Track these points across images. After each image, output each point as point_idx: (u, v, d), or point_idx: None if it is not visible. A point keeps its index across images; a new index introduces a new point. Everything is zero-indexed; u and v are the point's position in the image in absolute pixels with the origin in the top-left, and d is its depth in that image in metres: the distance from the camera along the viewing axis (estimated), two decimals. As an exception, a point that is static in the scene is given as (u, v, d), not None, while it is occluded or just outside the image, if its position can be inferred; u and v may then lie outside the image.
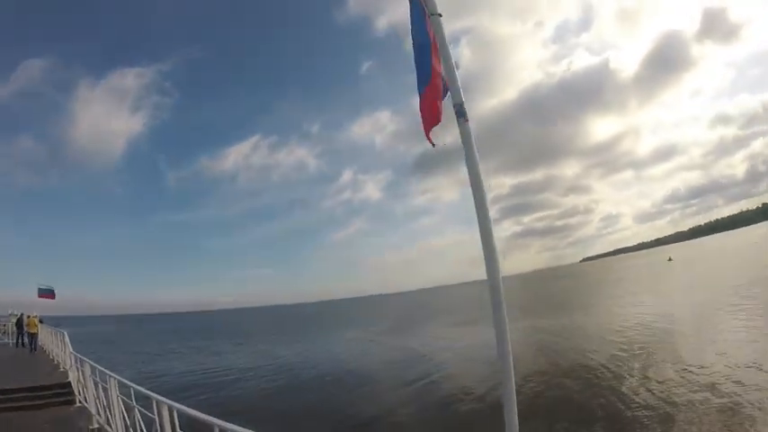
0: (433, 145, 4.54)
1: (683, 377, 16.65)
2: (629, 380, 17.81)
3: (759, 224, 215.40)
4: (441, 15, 4.45)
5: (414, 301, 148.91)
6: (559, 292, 79.28)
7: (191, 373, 32.22)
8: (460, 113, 4.25)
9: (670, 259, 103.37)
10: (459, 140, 4.22)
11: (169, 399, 6.95)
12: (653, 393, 15.61)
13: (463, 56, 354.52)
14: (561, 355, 24.54)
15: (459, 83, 4.34)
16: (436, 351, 31.98)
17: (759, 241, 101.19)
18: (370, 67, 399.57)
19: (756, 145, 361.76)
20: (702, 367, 17.35)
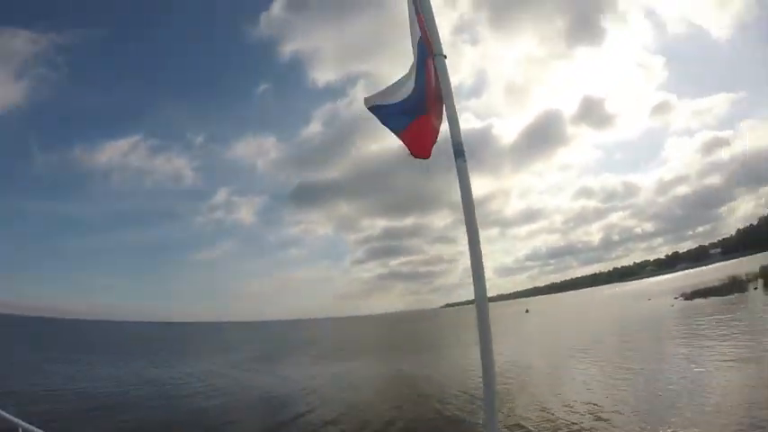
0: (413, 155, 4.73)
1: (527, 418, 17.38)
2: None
3: (609, 285, 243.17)
4: (446, 57, 4.49)
5: (280, 330, 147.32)
6: (422, 333, 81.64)
7: None
8: (459, 153, 4.30)
9: (527, 311, 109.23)
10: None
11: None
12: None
13: (357, 96, 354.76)
14: (416, 392, 24.90)
15: (459, 124, 4.40)
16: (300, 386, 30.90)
17: (607, 299, 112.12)
18: (265, 90, 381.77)
19: (612, 218, 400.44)
20: (545, 410, 18.31)
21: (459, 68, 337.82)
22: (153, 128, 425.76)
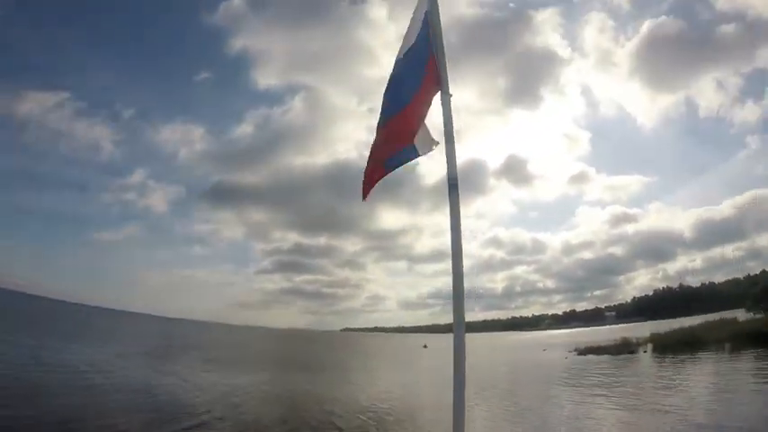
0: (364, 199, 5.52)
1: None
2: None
3: (507, 332, 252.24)
4: (452, 95, 4.87)
5: (176, 328, 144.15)
6: (322, 354, 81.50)
7: None
8: (453, 187, 4.71)
9: (425, 346, 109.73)
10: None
11: None
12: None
13: (294, 107, 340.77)
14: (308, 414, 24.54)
15: (456, 158, 4.87)
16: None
17: (504, 346, 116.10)
18: (206, 79, 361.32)
19: (517, 270, 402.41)
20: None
21: None
22: (83, 90, 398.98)
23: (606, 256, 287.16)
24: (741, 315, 69.62)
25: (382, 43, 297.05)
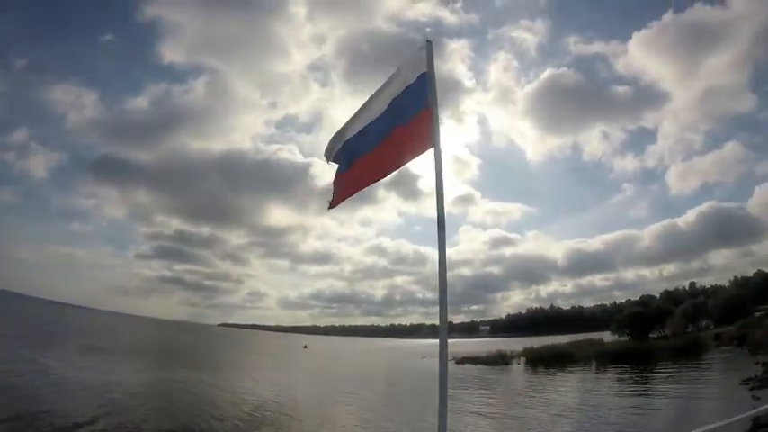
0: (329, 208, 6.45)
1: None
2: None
3: (386, 338, 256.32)
4: (441, 151, 5.64)
5: (47, 311, 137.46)
6: (201, 348, 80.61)
7: None
8: (441, 226, 5.69)
9: (305, 347, 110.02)
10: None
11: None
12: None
13: (196, 89, 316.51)
14: (183, 410, 24.92)
15: (444, 201, 5.80)
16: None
17: (383, 351, 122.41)
18: (110, 42, 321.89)
19: (398, 280, 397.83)
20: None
21: (299, 100, 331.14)
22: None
23: (484, 274, 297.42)
24: (607, 337, 77.43)
25: (296, 41, 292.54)
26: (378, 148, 5.89)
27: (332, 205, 6.38)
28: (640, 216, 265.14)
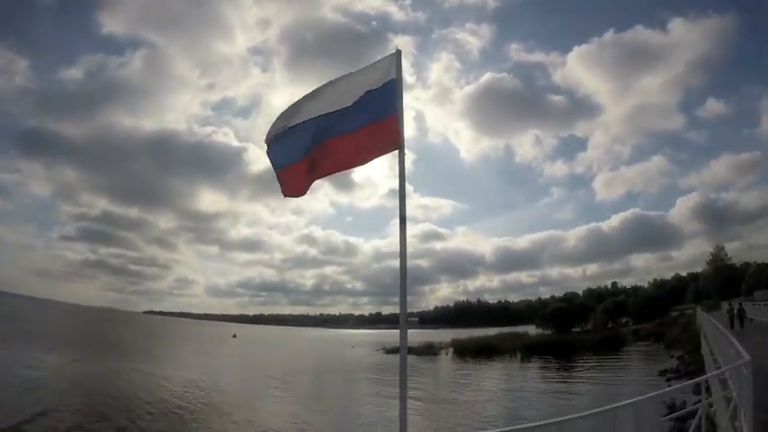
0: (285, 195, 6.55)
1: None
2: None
3: (315, 328, 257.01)
4: (405, 153, 6.06)
5: None
6: (127, 337, 76.31)
7: None
8: (403, 222, 6.00)
9: (235, 336, 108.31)
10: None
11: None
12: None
13: (133, 63, 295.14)
14: (109, 405, 23.92)
15: (405, 200, 6.13)
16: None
17: (313, 340, 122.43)
18: (48, 6, 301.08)
19: (327, 270, 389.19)
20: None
21: (239, 83, 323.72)
22: None
23: (413, 267, 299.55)
24: (532, 330, 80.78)
25: (241, 22, 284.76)
26: (342, 140, 6.08)
27: (292, 194, 6.52)
28: (567, 218, 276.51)
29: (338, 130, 5.99)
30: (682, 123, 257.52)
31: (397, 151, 5.92)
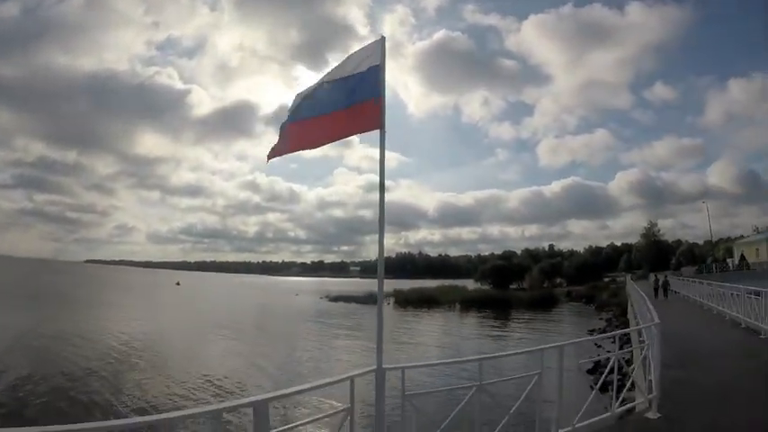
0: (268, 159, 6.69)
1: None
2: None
3: (257, 275, 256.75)
4: (384, 130, 6.15)
5: None
6: (67, 287, 75.86)
7: None
8: (382, 193, 6.21)
9: (178, 283, 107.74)
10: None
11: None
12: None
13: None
14: (59, 356, 24.11)
15: (385, 174, 6.30)
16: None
17: (257, 288, 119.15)
18: None
19: (270, 217, 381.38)
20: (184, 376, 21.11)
21: (185, 22, 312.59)
22: None
23: (355, 218, 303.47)
24: (470, 285, 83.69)
25: None
26: (329, 116, 6.40)
27: (273, 155, 6.68)
28: (510, 179, 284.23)
29: (323, 110, 6.38)
30: (629, 102, 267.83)
31: (380, 131, 6.14)
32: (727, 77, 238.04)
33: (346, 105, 6.23)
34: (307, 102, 6.47)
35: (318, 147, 6.60)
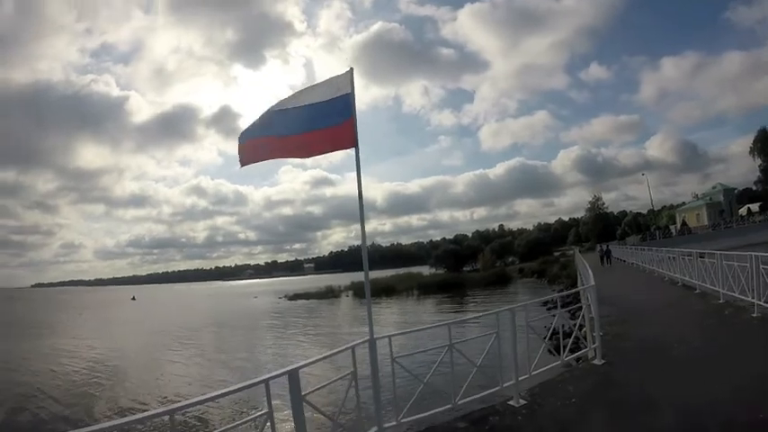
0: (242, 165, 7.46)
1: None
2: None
3: (212, 282, 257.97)
4: (358, 147, 6.91)
5: None
6: (17, 315, 71.98)
7: None
8: (361, 208, 6.91)
9: (134, 298, 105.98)
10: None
11: None
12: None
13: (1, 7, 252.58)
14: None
15: (362, 188, 7.04)
16: None
17: (213, 295, 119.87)
18: None
19: (218, 220, 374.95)
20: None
21: (119, 27, 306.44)
22: None
23: (304, 214, 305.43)
24: (425, 271, 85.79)
25: None
26: (310, 134, 6.82)
27: (248, 161, 7.24)
28: (455, 165, 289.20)
29: (300, 129, 6.83)
30: (566, 83, 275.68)
31: (355, 149, 6.72)
32: (660, 56, 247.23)
33: (323, 126, 6.76)
34: (279, 118, 6.91)
35: (296, 158, 7.31)
